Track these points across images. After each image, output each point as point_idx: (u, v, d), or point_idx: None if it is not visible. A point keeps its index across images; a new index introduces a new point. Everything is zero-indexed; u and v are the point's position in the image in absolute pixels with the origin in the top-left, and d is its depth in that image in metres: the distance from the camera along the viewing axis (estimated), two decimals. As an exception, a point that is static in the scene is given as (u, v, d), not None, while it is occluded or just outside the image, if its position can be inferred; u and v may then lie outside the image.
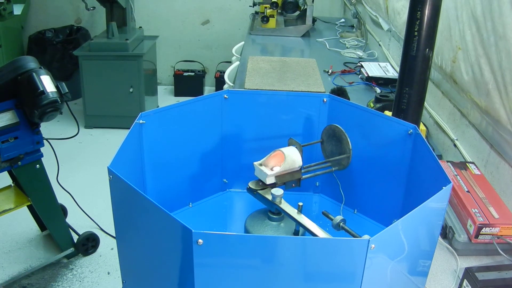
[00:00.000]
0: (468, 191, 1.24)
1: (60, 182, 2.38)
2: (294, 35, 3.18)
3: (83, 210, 2.62)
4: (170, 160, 1.17)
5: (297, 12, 3.49)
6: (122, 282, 0.96)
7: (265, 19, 3.18)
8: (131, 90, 3.78)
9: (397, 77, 1.29)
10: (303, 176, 1.08)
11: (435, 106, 1.84)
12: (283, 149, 1.06)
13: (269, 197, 1.02)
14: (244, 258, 0.72)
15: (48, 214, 2.18)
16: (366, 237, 0.69)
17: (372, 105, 1.85)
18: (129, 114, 3.62)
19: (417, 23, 1.17)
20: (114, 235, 0.93)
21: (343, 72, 2.41)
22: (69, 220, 2.48)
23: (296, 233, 1.01)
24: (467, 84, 1.43)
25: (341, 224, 0.94)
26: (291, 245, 0.72)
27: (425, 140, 1.01)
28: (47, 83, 1.80)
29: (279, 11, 3.43)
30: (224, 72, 2.76)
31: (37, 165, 2.00)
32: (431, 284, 1.07)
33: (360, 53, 2.79)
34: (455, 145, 1.59)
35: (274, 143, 1.15)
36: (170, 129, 1.13)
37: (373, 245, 0.68)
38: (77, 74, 3.95)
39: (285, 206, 1.00)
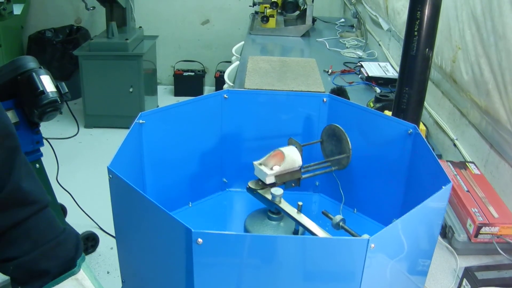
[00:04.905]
0: (467, 191, 1.24)
1: (59, 181, 2.37)
2: (294, 35, 3.18)
3: (83, 210, 2.62)
4: (169, 159, 1.17)
5: (297, 12, 3.49)
6: (122, 281, 0.96)
7: (265, 19, 3.18)
8: (131, 90, 3.78)
9: (397, 77, 1.29)
10: (303, 176, 1.08)
11: (435, 105, 1.84)
12: (282, 148, 1.06)
13: (269, 197, 1.02)
14: (243, 257, 0.72)
15: (48, 213, 2.18)
16: (365, 236, 0.69)
17: (372, 105, 1.85)
18: (129, 114, 3.61)
19: (417, 22, 1.17)
20: (114, 235, 0.93)
21: (343, 72, 2.41)
22: (68, 219, 2.48)
23: (295, 232, 1.01)
24: (467, 83, 1.43)
25: (340, 223, 0.94)
26: (290, 245, 0.72)
27: (425, 139, 1.01)
28: (47, 83, 1.80)
29: (279, 11, 3.43)
30: (224, 72, 2.76)
31: (37, 165, 2.00)
32: (430, 284, 1.07)
33: (360, 53, 2.79)
34: (454, 145, 1.59)
35: (274, 142, 1.15)
36: (170, 129, 1.13)
37: (372, 245, 0.68)
38: (77, 74, 3.95)
39: (285, 205, 1.00)
